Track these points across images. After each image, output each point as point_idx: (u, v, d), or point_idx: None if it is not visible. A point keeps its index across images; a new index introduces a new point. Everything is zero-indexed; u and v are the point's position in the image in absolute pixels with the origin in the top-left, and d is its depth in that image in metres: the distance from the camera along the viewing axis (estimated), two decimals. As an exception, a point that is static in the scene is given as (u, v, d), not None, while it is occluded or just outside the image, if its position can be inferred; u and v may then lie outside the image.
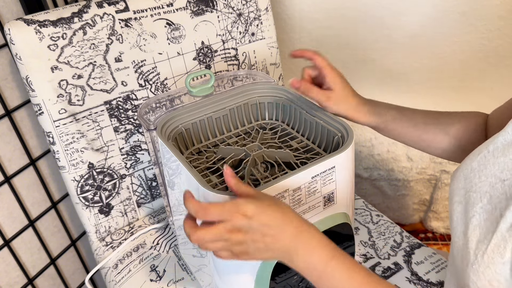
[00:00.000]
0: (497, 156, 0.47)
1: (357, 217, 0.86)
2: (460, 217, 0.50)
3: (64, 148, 0.76)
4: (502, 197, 0.45)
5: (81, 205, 0.81)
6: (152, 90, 0.82)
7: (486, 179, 0.47)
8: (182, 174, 0.59)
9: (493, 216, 0.45)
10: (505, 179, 0.45)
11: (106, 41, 0.75)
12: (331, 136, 0.64)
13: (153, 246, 0.83)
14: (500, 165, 0.46)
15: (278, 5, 1.12)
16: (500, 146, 0.47)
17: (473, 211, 0.47)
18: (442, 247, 1.32)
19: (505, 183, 0.45)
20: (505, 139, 0.47)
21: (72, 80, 0.73)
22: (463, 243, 0.48)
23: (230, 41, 0.88)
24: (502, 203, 0.45)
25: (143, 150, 0.84)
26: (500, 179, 0.46)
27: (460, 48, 1.10)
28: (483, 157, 0.49)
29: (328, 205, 0.59)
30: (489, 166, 0.48)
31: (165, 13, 0.79)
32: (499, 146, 0.47)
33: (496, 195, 0.46)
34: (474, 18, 1.05)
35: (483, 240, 0.45)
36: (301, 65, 0.72)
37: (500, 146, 0.47)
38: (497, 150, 0.48)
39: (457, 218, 0.50)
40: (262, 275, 0.57)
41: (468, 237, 0.47)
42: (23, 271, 0.88)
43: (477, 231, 0.46)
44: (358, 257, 0.77)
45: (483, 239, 0.45)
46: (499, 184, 0.46)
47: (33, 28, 0.68)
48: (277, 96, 0.73)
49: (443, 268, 0.74)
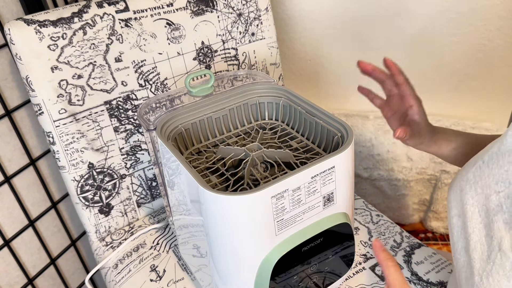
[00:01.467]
0: (492, 167, 0.46)
1: (357, 217, 0.86)
2: (460, 232, 0.49)
3: (64, 148, 0.76)
4: (498, 209, 0.44)
5: (81, 205, 0.81)
6: (152, 90, 0.82)
7: (482, 191, 0.46)
8: (181, 174, 0.59)
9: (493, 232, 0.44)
10: (499, 191, 0.44)
11: (106, 41, 0.75)
12: (331, 136, 0.64)
13: (153, 246, 0.83)
14: (495, 177, 0.45)
15: (278, 5, 1.12)
16: (494, 156, 0.46)
17: (472, 227, 0.46)
18: (442, 247, 1.32)
19: (500, 195, 0.44)
20: (500, 150, 0.46)
21: (72, 80, 0.73)
22: (465, 260, 0.47)
23: (230, 41, 0.88)
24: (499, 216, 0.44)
25: (143, 150, 0.84)
26: (495, 191, 0.45)
27: (460, 48, 1.10)
28: (478, 168, 0.47)
29: (328, 205, 0.59)
30: (484, 177, 0.46)
31: (165, 13, 0.79)
32: (493, 157, 0.46)
33: (492, 207, 0.45)
34: (474, 18, 1.05)
35: (487, 260, 0.43)
36: (301, 65, 0.72)
37: (494, 157, 0.46)
38: (491, 161, 0.46)
39: (457, 233, 0.49)
40: (262, 275, 0.57)
41: (470, 255, 0.46)
42: (23, 271, 0.88)
43: (478, 248, 0.45)
44: (358, 257, 0.77)
45: (486, 259, 0.44)
46: (494, 196, 0.45)
47: (33, 28, 0.68)
48: (277, 96, 0.73)
49: (443, 268, 0.74)
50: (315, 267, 0.62)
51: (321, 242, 0.60)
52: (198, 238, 0.63)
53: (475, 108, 1.19)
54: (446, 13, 1.05)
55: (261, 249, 0.56)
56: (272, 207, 0.53)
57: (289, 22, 1.14)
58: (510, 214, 0.43)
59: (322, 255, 0.62)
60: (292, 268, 0.59)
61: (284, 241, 0.56)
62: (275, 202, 0.53)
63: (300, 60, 1.20)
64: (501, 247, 0.42)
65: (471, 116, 1.19)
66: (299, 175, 0.53)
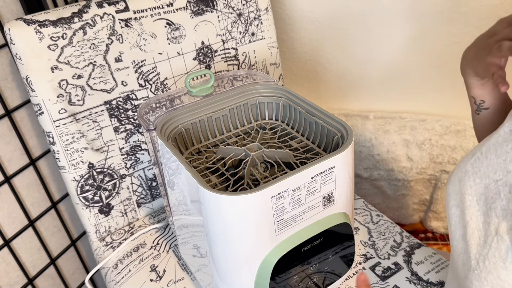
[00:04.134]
0: (490, 158, 0.47)
1: (357, 217, 0.86)
2: (458, 221, 0.50)
3: (64, 148, 0.76)
4: (496, 197, 0.45)
5: (81, 205, 0.81)
6: (152, 90, 0.82)
7: (480, 181, 0.47)
8: (181, 174, 0.59)
9: (490, 218, 0.45)
10: (498, 180, 0.45)
11: (106, 41, 0.75)
12: (331, 136, 0.64)
13: (153, 246, 0.83)
14: (494, 167, 0.46)
15: (278, 5, 1.12)
16: (492, 147, 0.47)
17: (470, 214, 0.47)
18: (442, 247, 1.32)
19: (498, 183, 0.45)
20: (497, 141, 0.47)
21: (72, 80, 0.73)
22: (463, 247, 0.48)
23: (230, 41, 0.88)
24: (497, 203, 0.45)
25: (143, 150, 0.84)
26: (494, 180, 0.46)
27: (460, 48, 1.10)
28: (477, 159, 0.49)
29: (328, 205, 0.59)
30: (482, 168, 0.48)
31: (165, 13, 0.79)
32: (491, 148, 0.47)
33: (490, 195, 0.46)
34: (474, 18, 1.05)
35: (483, 244, 0.45)
36: (301, 65, 0.72)
37: (492, 148, 0.47)
38: (489, 152, 0.47)
39: (455, 222, 0.50)
40: (262, 275, 0.57)
41: (468, 241, 0.47)
42: (23, 271, 0.88)
43: (475, 234, 0.46)
44: (358, 257, 0.77)
45: (483, 243, 0.45)
46: (493, 184, 0.46)
47: (33, 28, 0.68)
48: (277, 96, 0.73)
49: (443, 268, 0.74)
50: (315, 267, 0.62)
51: (321, 242, 0.60)
52: (198, 238, 0.63)
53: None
54: (446, 13, 1.05)
55: (261, 249, 0.56)
56: (272, 207, 0.53)
57: (289, 22, 1.14)
58: (507, 201, 0.44)
59: (322, 255, 0.62)
60: (292, 268, 0.59)
61: (284, 241, 0.56)
62: (275, 202, 0.53)
63: (300, 60, 1.20)
64: (498, 231, 0.43)
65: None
66: (299, 175, 0.53)
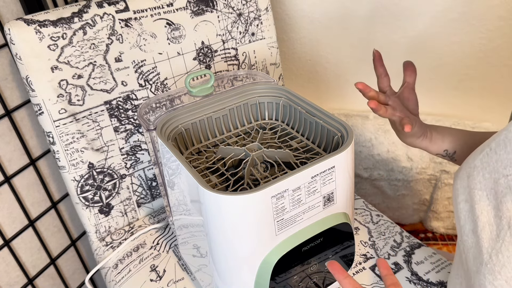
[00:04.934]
0: (500, 153, 0.47)
1: (357, 217, 0.86)
2: (467, 215, 0.50)
3: (64, 148, 0.76)
4: (506, 191, 0.45)
5: (81, 205, 0.81)
6: (152, 90, 0.82)
7: (490, 176, 0.47)
8: (182, 174, 0.59)
9: (502, 212, 0.45)
10: (508, 175, 0.45)
11: (106, 41, 0.75)
12: (331, 136, 0.64)
13: (153, 246, 0.83)
14: (503, 162, 0.46)
15: (278, 5, 1.12)
16: (502, 143, 0.47)
17: (480, 209, 0.47)
18: (442, 247, 1.32)
19: (508, 178, 0.45)
20: (507, 137, 0.47)
21: (72, 80, 0.73)
22: (473, 241, 0.48)
23: (230, 41, 0.88)
24: (507, 197, 0.45)
25: (143, 150, 0.84)
26: (504, 175, 0.46)
27: (460, 48, 1.10)
28: (486, 155, 0.49)
29: (328, 205, 0.59)
30: (492, 163, 0.48)
31: (165, 13, 0.79)
32: (501, 143, 0.47)
33: (500, 190, 0.46)
34: (474, 18, 1.05)
35: (496, 238, 0.45)
36: (301, 65, 0.72)
37: (502, 143, 0.47)
38: (499, 147, 0.47)
39: (464, 217, 0.50)
40: (262, 275, 0.57)
41: (479, 235, 0.47)
42: (23, 271, 0.88)
43: (487, 228, 0.46)
44: (358, 257, 0.77)
45: (496, 238, 0.45)
46: (503, 179, 0.46)
47: (33, 28, 0.68)
48: (277, 96, 0.73)
49: (443, 268, 0.73)
50: (315, 267, 0.62)
51: (321, 242, 0.60)
52: (198, 238, 0.63)
53: (475, 108, 1.19)
54: (446, 13, 1.05)
55: (261, 249, 0.56)
56: (272, 207, 0.53)
57: (289, 22, 1.14)
58: None
59: (322, 255, 0.62)
60: (292, 268, 0.59)
61: (284, 241, 0.56)
62: (275, 202, 0.53)
63: (300, 60, 1.20)
64: (510, 225, 0.44)
65: (471, 116, 1.19)
66: (299, 175, 0.53)
